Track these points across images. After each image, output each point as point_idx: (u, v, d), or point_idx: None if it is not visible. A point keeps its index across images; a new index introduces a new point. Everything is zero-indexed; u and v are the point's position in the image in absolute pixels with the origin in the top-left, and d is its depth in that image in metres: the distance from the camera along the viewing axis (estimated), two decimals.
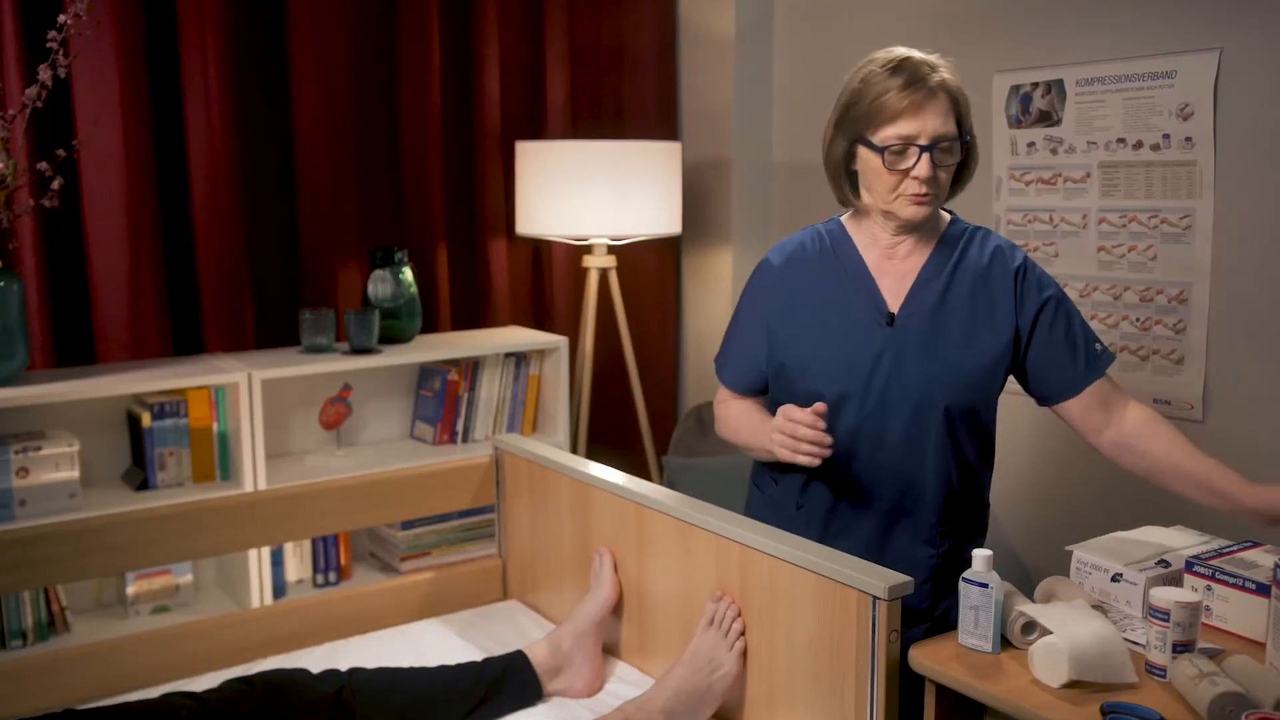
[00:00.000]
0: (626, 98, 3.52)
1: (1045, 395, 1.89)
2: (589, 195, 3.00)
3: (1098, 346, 1.88)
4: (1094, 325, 2.63)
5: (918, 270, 1.86)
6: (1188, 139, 2.41)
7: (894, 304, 1.85)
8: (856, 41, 3.15)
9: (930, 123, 1.72)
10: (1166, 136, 2.45)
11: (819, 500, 1.90)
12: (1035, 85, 2.70)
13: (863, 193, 1.83)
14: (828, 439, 1.70)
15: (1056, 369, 1.86)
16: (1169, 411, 2.50)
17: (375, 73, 3.09)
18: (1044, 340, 1.85)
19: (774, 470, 1.98)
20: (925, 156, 1.73)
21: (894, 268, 1.87)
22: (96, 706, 1.82)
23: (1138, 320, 2.55)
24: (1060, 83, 2.64)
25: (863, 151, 1.78)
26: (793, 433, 1.71)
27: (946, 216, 1.91)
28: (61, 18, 2.39)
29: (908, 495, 1.86)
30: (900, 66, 1.74)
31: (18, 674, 2.01)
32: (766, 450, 1.80)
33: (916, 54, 1.76)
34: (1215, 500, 1.73)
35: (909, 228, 1.85)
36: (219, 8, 2.76)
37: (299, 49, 2.92)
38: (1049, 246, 2.71)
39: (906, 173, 1.75)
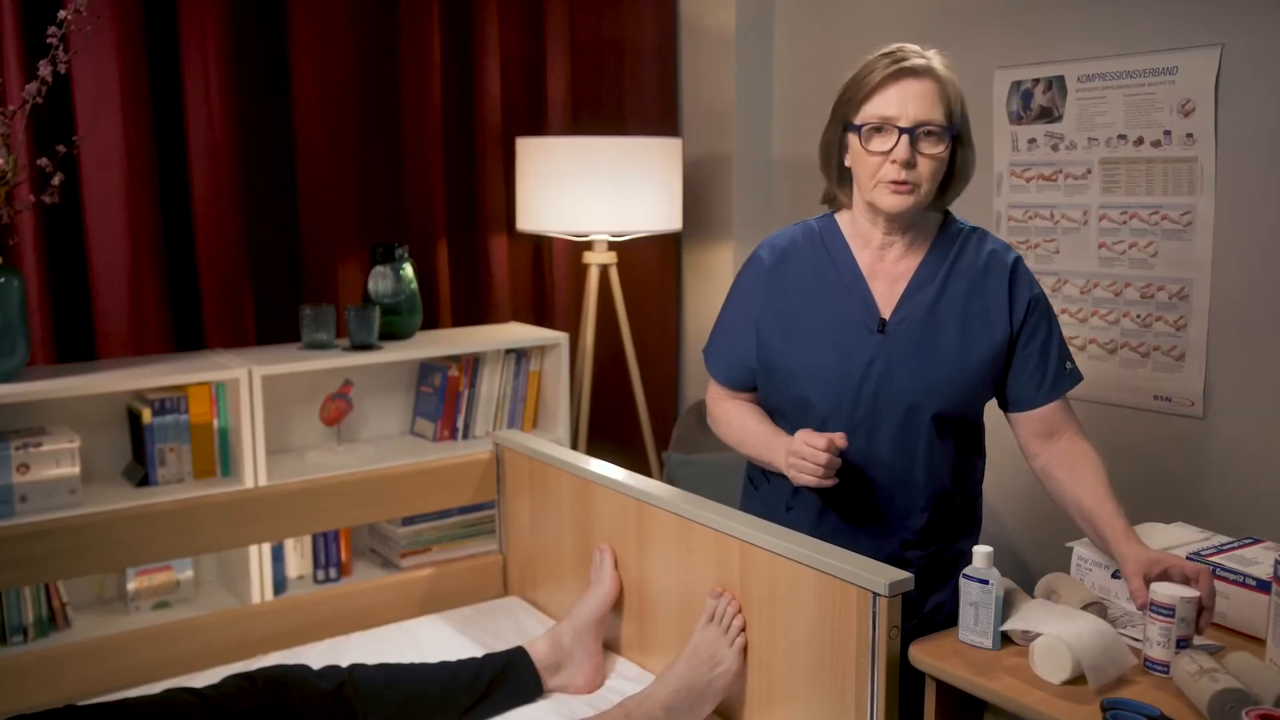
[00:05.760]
0: (627, 94, 3.51)
1: (1004, 401, 1.88)
2: (589, 191, 3.00)
3: (1068, 365, 1.85)
4: (1094, 322, 2.64)
5: (911, 274, 1.82)
6: (1189, 135, 2.41)
7: (886, 309, 1.82)
8: (857, 37, 3.14)
9: (913, 106, 1.68)
10: (1167, 133, 2.44)
11: (808, 504, 1.90)
12: (1036, 81, 2.69)
13: (854, 186, 1.82)
14: (838, 463, 1.69)
15: (1023, 378, 1.84)
16: (1169, 408, 2.50)
17: (376, 68, 3.09)
18: (1023, 345, 1.83)
19: (767, 470, 1.96)
20: (904, 139, 1.67)
21: (887, 270, 1.83)
22: (97, 703, 1.82)
23: (1138, 317, 2.55)
24: (1061, 79, 2.64)
25: (850, 139, 1.75)
26: (812, 458, 1.68)
27: (939, 218, 1.87)
28: (62, 13, 2.39)
29: (897, 498, 1.85)
30: (891, 52, 1.72)
31: (18, 670, 2.01)
32: (774, 466, 1.81)
33: (912, 46, 1.74)
34: (1099, 543, 1.74)
35: (897, 225, 1.81)
36: (219, 3, 2.76)
37: (300, 44, 2.92)
38: (1049, 243, 2.71)
39: (886, 156, 1.70)
